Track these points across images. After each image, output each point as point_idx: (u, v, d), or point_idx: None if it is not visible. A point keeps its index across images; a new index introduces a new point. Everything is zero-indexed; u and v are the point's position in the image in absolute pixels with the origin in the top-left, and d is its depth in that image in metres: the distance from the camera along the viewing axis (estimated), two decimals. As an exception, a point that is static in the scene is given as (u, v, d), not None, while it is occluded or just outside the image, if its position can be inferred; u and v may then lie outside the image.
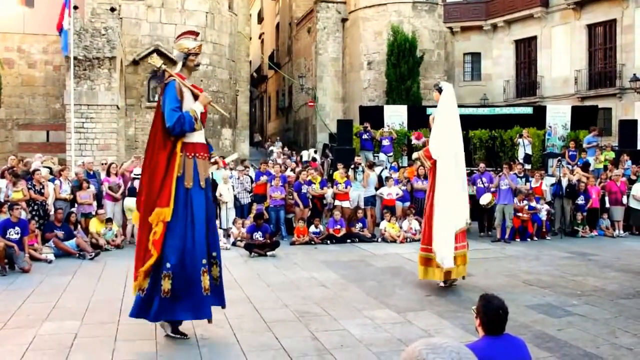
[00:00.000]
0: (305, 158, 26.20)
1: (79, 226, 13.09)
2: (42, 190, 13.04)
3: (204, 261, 6.44)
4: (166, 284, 6.29)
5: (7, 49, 24.55)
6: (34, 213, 12.74)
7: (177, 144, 6.47)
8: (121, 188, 14.36)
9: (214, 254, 6.71)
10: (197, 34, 7.00)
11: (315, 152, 28.64)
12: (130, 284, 9.33)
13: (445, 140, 9.11)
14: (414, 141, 8.70)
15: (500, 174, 14.71)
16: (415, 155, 9.34)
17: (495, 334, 3.64)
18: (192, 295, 6.36)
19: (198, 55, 6.78)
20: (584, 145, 18.63)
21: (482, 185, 14.99)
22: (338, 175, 15.51)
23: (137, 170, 14.83)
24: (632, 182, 16.32)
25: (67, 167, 15.62)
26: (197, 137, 6.62)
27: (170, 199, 6.37)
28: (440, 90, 9.37)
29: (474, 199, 15.25)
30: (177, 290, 6.31)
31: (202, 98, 6.58)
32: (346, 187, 15.25)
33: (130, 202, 13.89)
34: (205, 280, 6.42)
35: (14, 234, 10.90)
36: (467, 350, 1.85)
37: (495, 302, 3.69)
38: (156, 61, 6.69)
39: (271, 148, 31.08)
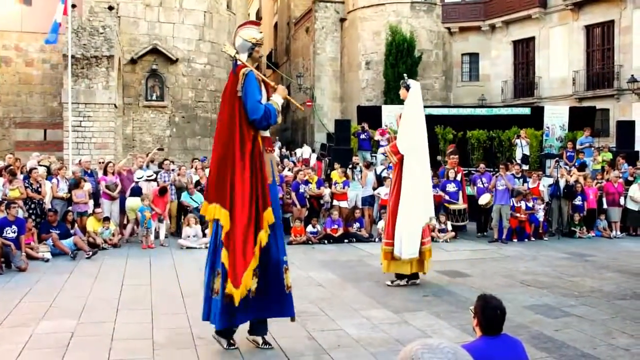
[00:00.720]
0: (305, 155, 26.19)
1: (75, 225, 13.02)
2: (39, 189, 12.97)
3: (285, 258, 6.28)
4: (254, 284, 6.07)
5: (4, 47, 24.56)
6: (30, 212, 12.69)
7: (257, 137, 6.15)
8: (118, 187, 14.32)
9: (285, 257, 6.44)
10: (259, 23, 7.04)
11: (314, 150, 28.62)
12: (128, 283, 9.46)
13: (413, 137, 9.20)
14: (377, 137, 8.62)
15: (497, 174, 14.69)
16: (381, 150, 9.22)
17: (492, 334, 3.63)
18: (277, 294, 6.17)
19: (261, 47, 6.52)
20: (577, 147, 18.67)
21: (482, 186, 14.97)
22: (336, 175, 15.44)
23: (139, 174, 14.87)
24: (629, 183, 16.31)
25: (65, 165, 15.57)
26: (268, 130, 6.42)
27: (269, 198, 6.11)
28: (407, 88, 9.42)
29: (473, 199, 15.31)
30: (262, 289, 6.09)
31: (281, 90, 6.34)
32: (344, 187, 15.20)
33: (134, 201, 13.91)
34: (288, 279, 6.27)
35: (10, 232, 10.84)
36: (463, 352, 1.85)
37: (493, 302, 3.69)
38: (229, 49, 6.32)
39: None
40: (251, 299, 5.99)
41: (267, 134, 6.38)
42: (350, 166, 15.97)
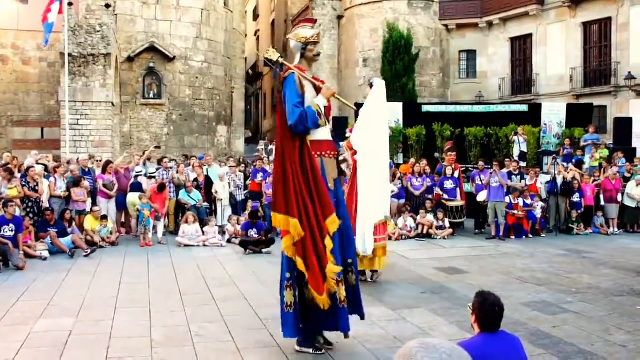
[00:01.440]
0: None
1: (73, 223, 13.00)
2: (36, 187, 12.94)
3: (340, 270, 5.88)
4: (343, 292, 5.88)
5: (1, 45, 24.53)
6: (28, 210, 12.67)
7: (305, 142, 5.91)
8: (115, 185, 14.31)
9: (350, 260, 6.14)
10: (314, 21, 6.92)
11: None
12: (126, 281, 9.45)
13: (367, 134, 9.10)
14: (348, 135, 8.59)
15: (491, 171, 14.68)
16: (342, 144, 9.17)
17: (490, 331, 3.64)
18: (331, 307, 5.81)
19: (317, 44, 6.30)
20: (582, 144, 18.71)
21: (480, 183, 14.98)
22: None
23: (139, 169, 14.91)
24: (626, 179, 16.35)
25: (62, 164, 15.56)
26: (322, 134, 6.16)
27: (330, 205, 5.87)
28: (371, 86, 9.33)
29: (471, 196, 15.32)
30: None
31: (325, 91, 6.10)
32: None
33: (134, 197, 13.92)
34: (341, 291, 5.85)
35: (8, 231, 10.86)
36: (460, 352, 1.84)
37: (491, 299, 3.69)
38: (273, 54, 6.16)
39: (270, 147, 30.71)
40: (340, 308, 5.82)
41: (322, 136, 6.16)
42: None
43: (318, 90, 6.07)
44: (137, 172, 14.77)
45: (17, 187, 12.36)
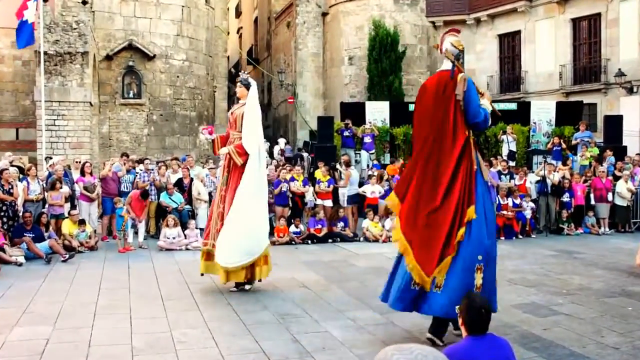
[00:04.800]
0: (281, 147, 25.92)
1: (50, 228, 12.77)
2: (11, 190, 12.63)
3: (480, 257, 6.23)
4: (478, 279, 6.19)
5: (-27, 43, 23.91)
6: (2, 214, 12.39)
7: (470, 138, 6.51)
8: (97, 188, 14.09)
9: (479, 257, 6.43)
10: (459, 31, 7.30)
11: (286, 144, 28.31)
12: (106, 287, 9.37)
13: (257, 138, 9.06)
14: (205, 136, 8.18)
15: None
16: (224, 150, 9.05)
17: (478, 334, 3.63)
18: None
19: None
20: (573, 142, 18.72)
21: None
22: (320, 173, 15.25)
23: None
24: (617, 178, 16.36)
25: (33, 165, 15.12)
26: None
27: (474, 196, 6.37)
28: (247, 87, 9.13)
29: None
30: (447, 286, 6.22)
31: (488, 96, 6.88)
32: (329, 186, 15.05)
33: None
34: (479, 279, 6.22)
35: (-19, 236, 10.68)
36: (437, 354, 1.86)
37: (478, 301, 3.72)
38: (451, 53, 6.69)
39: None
40: (437, 294, 6.17)
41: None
42: (331, 165, 15.83)
43: (479, 95, 6.70)
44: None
45: (-12, 190, 12.10)
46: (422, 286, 6.22)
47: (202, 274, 9.32)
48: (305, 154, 23.66)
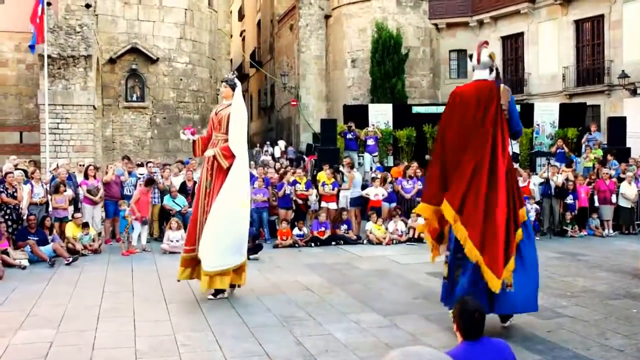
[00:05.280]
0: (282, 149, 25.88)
1: (54, 231, 12.73)
2: (15, 194, 12.64)
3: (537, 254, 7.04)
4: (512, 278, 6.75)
5: (-23, 47, 24.01)
6: (6, 217, 12.38)
7: (506, 145, 7.03)
8: (100, 190, 14.05)
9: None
10: (488, 43, 7.76)
11: (288, 145, 28.30)
12: (109, 290, 9.37)
13: (244, 140, 8.86)
14: (188, 136, 8.06)
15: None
16: (209, 152, 8.70)
17: (472, 338, 3.57)
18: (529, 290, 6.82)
19: None
20: (586, 143, 18.69)
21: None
22: (324, 176, 15.17)
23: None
24: (621, 180, 16.28)
25: (37, 168, 15.17)
26: None
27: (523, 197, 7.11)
28: (233, 87, 8.89)
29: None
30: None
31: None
32: (333, 189, 15.02)
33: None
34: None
35: (-15, 240, 10.69)
36: (444, 357, 1.82)
37: (471, 305, 3.65)
38: (493, 55, 7.31)
39: (263, 157, 30.05)
40: (511, 293, 6.64)
41: None
42: (335, 168, 15.77)
43: None
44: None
45: (-7, 194, 12.13)
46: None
47: (178, 280, 9.00)
48: (305, 157, 23.75)
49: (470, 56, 7.54)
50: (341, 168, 16.01)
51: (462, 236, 6.72)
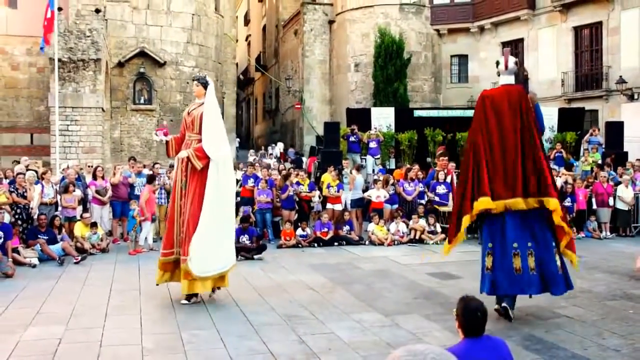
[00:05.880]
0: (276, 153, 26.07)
1: (63, 230, 12.94)
2: (25, 194, 12.86)
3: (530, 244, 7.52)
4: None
5: (-10, 50, 24.35)
6: (17, 217, 12.59)
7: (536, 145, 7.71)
8: (108, 191, 14.26)
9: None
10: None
11: (286, 149, 28.48)
12: (117, 288, 9.48)
13: (219, 140, 8.51)
14: (160, 137, 7.87)
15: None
16: (183, 153, 8.39)
17: (474, 336, 3.64)
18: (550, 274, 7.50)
19: None
20: (587, 146, 18.90)
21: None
22: (329, 177, 15.35)
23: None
24: (618, 183, 16.40)
25: (49, 169, 15.45)
26: None
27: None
28: (205, 85, 8.62)
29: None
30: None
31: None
32: (338, 191, 15.17)
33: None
34: (558, 260, 7.54)
35: (-4, 238, 10.77)
36: (449, 356, 1.84)
37: (473, 304, 3.71)
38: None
39: (266, 160, 30.02)
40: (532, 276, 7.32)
41: None
42: (338, 170, 15.93)
43: None
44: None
45: (5, 194, 12.25)
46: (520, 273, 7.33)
47: (157, 284, 8.86)
48: (304, 158, 24.02)
49: (497, 62, 8.04)
50: (346, 169, 16.23)
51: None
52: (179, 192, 8.58)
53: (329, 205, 15.11)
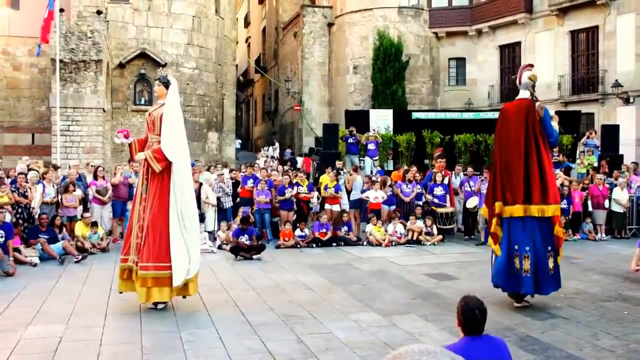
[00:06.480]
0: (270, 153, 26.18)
1: (63, 229, 13.01)
2: (26, 193, 12.91)
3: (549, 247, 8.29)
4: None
5: (-8, 51, 24.47)
6: (18, 216, 12.66)
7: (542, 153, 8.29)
8: (109, 191, 14.34)
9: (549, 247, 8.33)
10: (533, 65, 9.01)
11: (274, 149, 28.58)
12: (116, 287, 9.17)
13: (182, 143, 8.26)
14: (121, 140, 7.68)
15: (481, 177, 14.79)
16: (141, 155, 8.15)
17: (473, 334, 3.68)
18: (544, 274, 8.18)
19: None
20: (583, 149, 19.04)
21: (469, 189, 15.11)
22: (327, 178, 15.45)
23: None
24: (614, 186, 16.46)
25: (50, 169, 15.51)
26: None
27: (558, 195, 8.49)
28: (167, 85, 8.31)
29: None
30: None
31: (555, 118, 8.61)
32: (337, 192, 15.28)
33: None
34: (551, 262, 8.28)
35: (-3, 237, 10.81)
36: (459, 357, 1.87)
37: (472, 303, 3.75)
38: (534, 78, 8.51)
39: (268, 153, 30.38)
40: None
41: None
42: (337, 171, 16.05)
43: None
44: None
45: (7, 194, 12.31)
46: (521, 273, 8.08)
47: (120, 292, 8.45)
48: (299, 158, 24.14)
49: (514, 77, 8.81)
50: (345, 169, 16.33)
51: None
52: (140, 197, 8.28)
53: (327, 206, 15.19)
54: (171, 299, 8.13)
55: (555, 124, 8.44)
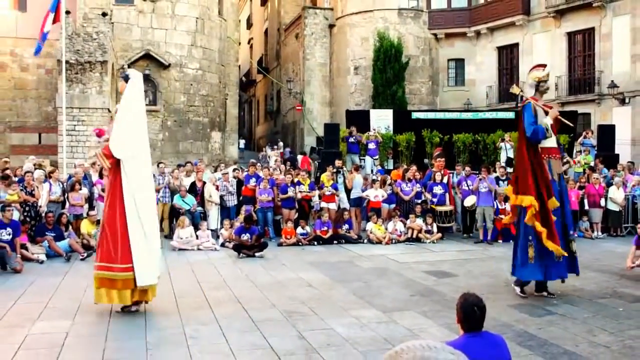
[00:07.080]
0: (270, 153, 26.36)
1: (70, 227, 13.07)
2: (33, 192, 13.02)
3: (572, 232, 8.96)
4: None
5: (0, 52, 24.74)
6: (25, 214, 12.77)
7: (537, 148, 8.63)
8: None
9: (571, 232, 9.03)
10: (545, 65, 9.25)
11: (287, 147, 28.76)
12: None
13: (134, 139, 7.83)
14: (96, 139, 7.73)
15: (480, 176, 14.91)
16: (92, 153, 7.98)
17: (472, 331, 3.68)
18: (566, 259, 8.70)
19: (547, 82, 9.09)
20: (580, 148, 19.24)
21: (467, 188, 15.21)
22: (325, 177, 15.58)
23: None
24: (610, 184, 16.60)
25: (56, 168, 15.70)
26: (550, 142, 8.77)
27: (551, 190, 8.65)
28: (126, 79, 7.97)
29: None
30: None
31: (551, 113, 8.72)
32: (335, 190, 15.38)
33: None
34: (573, 246, 8.91)
35: (5, 234, 10.94)
36: (459, 352, 1.91)
37: (471, 300, 3.75)
38: (515, 90, 9.45)
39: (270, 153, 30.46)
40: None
41: (551, 144, 8.79)
42: (335, 169, 16.16)
43: (547, 113, 8.64)
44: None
45: (17, 193, 12.48)
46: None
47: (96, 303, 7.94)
48: (299, 157, 24.36)
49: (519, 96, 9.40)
50: (344, 168, 16.41)
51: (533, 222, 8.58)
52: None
53: (323, 204, 15.27)
54: (132, 302, 7.81)
55: (547, 119, 8.61)
